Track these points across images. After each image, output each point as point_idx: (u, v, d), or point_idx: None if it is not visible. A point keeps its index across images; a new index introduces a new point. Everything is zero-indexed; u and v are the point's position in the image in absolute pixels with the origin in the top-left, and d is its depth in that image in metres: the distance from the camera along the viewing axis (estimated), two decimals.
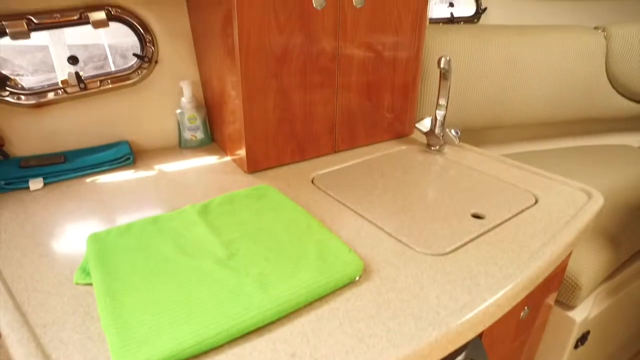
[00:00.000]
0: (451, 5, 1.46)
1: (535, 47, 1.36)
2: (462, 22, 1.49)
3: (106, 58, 1.07)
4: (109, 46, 1.07)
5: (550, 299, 0.86)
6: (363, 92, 0.94)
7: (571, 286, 0.91)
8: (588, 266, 0.92)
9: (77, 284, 0.54)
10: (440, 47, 1.25)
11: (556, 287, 0.86)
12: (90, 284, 0.53)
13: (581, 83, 1.45)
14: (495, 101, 1.35)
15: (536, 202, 0.77)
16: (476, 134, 1.47)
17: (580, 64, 1.43)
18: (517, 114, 1.40)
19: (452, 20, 1.47)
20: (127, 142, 0.96)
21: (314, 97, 0.87)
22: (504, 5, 1.59)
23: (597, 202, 0.76)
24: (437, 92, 0.93)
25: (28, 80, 0.98)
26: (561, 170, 1.37)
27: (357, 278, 0.55)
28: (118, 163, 0.90)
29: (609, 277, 1.03)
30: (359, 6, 0.85)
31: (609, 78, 1.50)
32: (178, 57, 0.99)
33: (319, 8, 0.80)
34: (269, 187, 0.76)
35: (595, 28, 1.49)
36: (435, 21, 1.45)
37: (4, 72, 0.86)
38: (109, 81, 0.94)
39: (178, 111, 0.99)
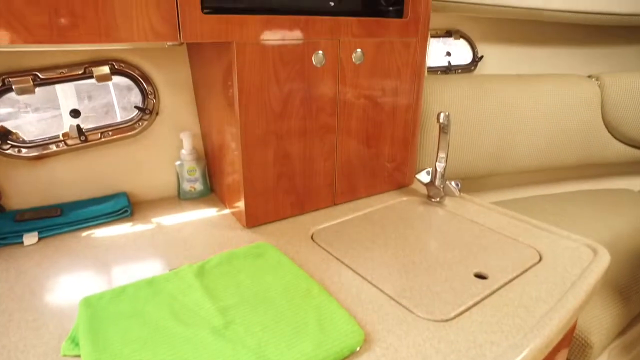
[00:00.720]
0: (448, 54, 1.50)
1: (532, 95, 1.38)
2: (459, 71, 1.52)
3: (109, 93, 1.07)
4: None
5: (561, 357, 0.82)
6: (363, 145, 0.94)
7: (582, 345, 0.88)
8: (598, 323, 0.89)
9: (65, 355, 0.51)
10: (439, 97, 1.27)
11: (567, 344, 0.83)
12: (79, 356, 0.51)
13: (579, 130, 1.47)
14: (495, 149, 1.36)
15: (540, 259, 0.75)
16: (476, 181, 1.47)
17: (577, 111, 1.45)
18: (516, 161, 1.40)
19: (449, 68, 1.50)
20: (125, 194, 0.96)
21: (314, 152, 0.87)
22: (499, 53, 1.63)
23: (603, 259, 0.74)
24: (437, 144, 0.93)
25: (32, 117, 1.00)
26: (564, 217, 1.36)
27: (358, 349, 0.52)
28: (115, 216, 0.89)
29: (621, 332, 0.99)
30: (358, 62, 0.86)
31: (605, 125, 1.52)
32: (179, 109, 1.00)
33: (318, 65, 0.81)
34: (267, 245, 0.75)
35: (589, 77, 1.52)
36: (433, 70, 1.48)
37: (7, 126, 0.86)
38: (110, 132, 0.95)
39: (177, 163, 0.99)
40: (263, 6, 0.77)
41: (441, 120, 0.87)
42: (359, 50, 0.85)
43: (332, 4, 0.86)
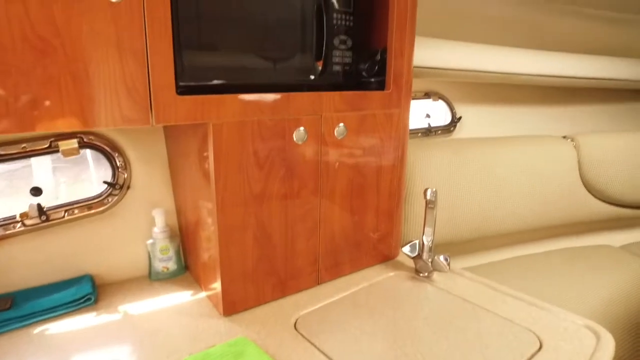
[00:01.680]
0: (428, 116, 1.51)
1: (511, 158, 1.39)
2: (439, 132, 1.53)
3: None
4: None
5: None
6: (347, 219, 0.90)
7: None
8: None
9: None
10: (422, 164, 1.25)
11: None
12: None
13: (559, 190, 1.47)
14: (478, 213, 1.34)
15: (540, 346, 0.70)
16: (461, 245, 1.44)
17: (556, 172, 1.46)
18: (499, 224, 1.38)
19: (429, 130, 1.50)
20: (89, 278, 0.87)
21: (296, 231, 0.82)
22: (477, 113, 1.65)
23: (608, 346, 0.69)
24: (424, 218, 0.89)
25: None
26: (552, 281, 1.32)
27: None
28: (77, 305, 0.80)
29: None
30: (340, 137, 0.83)
31: (584, 184, 1.53)
32: (152, 183, 0.94)
33: (300, 142, 0.78)
34: (247, 342, 0.67)
35: (564, 137, 1.55)
36: (414, 132, 1.48)
37: None
38: (76, 210, 0.88)
39: (149, 241, 0.92)
40: (242, 82, 0.74)
41: (428, 197, 0.85)
42: (341, 124, 0.83)
43: (312, 77, 0.84)
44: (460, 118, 1.58)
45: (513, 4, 1.47)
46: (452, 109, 1.57)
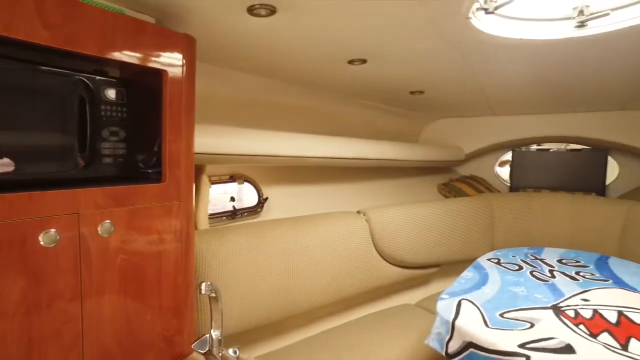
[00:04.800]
0: (233, 199, 1.53)
1: (311, 235, 1.48)
2: (245, 214, 1.56)
3: None
4: None
5: None
6: (122, 325, 0.80)
7: None
8: None
9: None
10: (216, 253, 1.22)
11: None
12: None
13: (357, 260, 1.63)
14: (284, 293, 1.36)
15: None
16: (272, 327, 1.44)
17: (353, 243, 1.62)
18: (307, 301, 1.44)
19: (235, 213, 1.52)
20: None
21: (47, 352, 0.69)
22: (283, 193, 1.75)
23: None
24: (210, 312, 0.86)
25: None
26: (360, 347, 1.40)
27: None
28: None
29: None
30: (106, 235, 0.76)
31: (378, 252, 1.73)
32: None
33: (50, 245, 0.68)
34: None
35: (358, 212, 1.75)
36: (217, 216, 1.47)
37: None
38: None
39: None
40: None
41: (204, 292, 0.82)
42: (107, 221, 0.76)
43: (74, 171, 0.77)
44: (267, 198, 1.65)
45: (310, 96, 1.67)
46: (258, 190, 1.64)
